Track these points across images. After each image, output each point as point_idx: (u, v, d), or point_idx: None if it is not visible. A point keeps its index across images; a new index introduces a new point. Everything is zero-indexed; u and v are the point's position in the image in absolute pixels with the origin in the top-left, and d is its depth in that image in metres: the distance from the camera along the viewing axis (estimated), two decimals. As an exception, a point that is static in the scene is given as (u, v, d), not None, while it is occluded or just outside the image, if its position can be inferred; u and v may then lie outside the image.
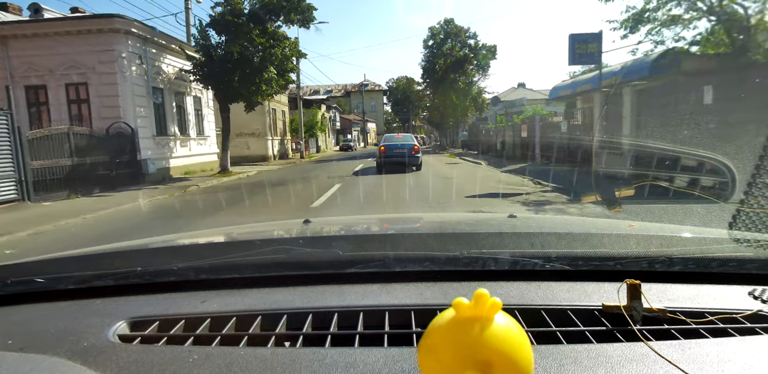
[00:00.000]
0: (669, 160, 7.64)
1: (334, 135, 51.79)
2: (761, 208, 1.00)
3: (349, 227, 1.75)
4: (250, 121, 26.55)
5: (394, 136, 17.53)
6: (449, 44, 33.88)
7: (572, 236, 1.23)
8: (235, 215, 7.69)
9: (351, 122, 56.44)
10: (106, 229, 7.03)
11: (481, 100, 33.54)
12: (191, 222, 7.00)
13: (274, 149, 27.51)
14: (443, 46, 33.95)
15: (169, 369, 0.62)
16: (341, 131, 53.93)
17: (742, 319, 0.74)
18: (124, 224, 7.43)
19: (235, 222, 6.37)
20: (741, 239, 1.00)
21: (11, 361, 0.65)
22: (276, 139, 28.11)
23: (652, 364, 0.60)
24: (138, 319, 0.80)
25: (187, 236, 1.72)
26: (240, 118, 27.48)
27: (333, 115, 49.46)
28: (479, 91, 33.78)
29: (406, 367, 0.60)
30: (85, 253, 1.19)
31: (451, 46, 33.75)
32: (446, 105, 32.35)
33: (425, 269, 0.95)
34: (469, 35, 34.20)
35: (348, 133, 54.65)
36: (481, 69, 33.86)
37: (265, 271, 0.98)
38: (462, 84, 31.95)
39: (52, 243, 6.06)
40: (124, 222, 7.57)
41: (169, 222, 7.50)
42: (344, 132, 54.17)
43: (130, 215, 8.39)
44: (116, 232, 6.68)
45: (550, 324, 0.74)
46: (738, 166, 3.28)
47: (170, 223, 7.35)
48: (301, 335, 0.73)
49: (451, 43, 33.83)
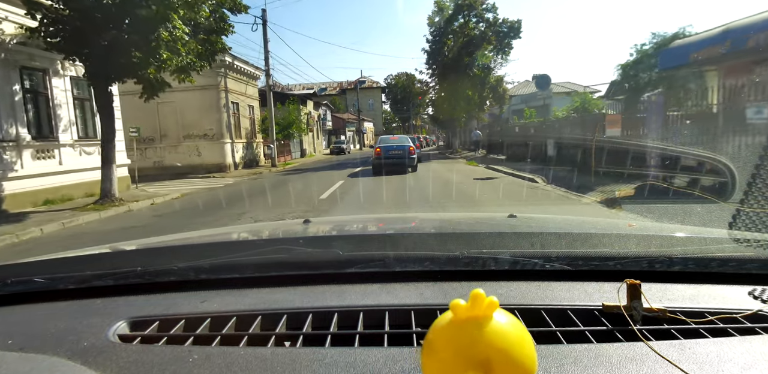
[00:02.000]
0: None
1: (324, 136, 45.26)
2: (761, 208, 1.01)
3: (349, 227, 1.76)
4: (200, 118, 19.76)
5: (389, 137, 17.49)
6: (461, 20, 26.16)
7: (572, 236, 1.22)
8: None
9: (345, 122, 49.91)
10: None
11: (502, 90, 26.72)
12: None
13: (237, 155, 20.97)
14: (453, 22, 26.31)
15: (169, 369, 0.62)
16: (333, 132, 47.41)
17: (742, 319, 0.74)
18: None
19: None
20: (741, 239, 1.00)
21: (11, 361, 0.66)
22: (239, 141, 21.56)
23: (652, 364, 0.60)
24: (138, 319, 0.80)
25: (187, 236, 1.71)
26: (187, 114, 20.14)
27: (323, 113, 42.90)
28: (498, 80, 26.89)
29: (406, 367, 0.61)
30: (85, 253, 1.20)
31: (464, 21, 26.03)
32: (457, 96, 25.60)
33: (425, 269, 0.95)
34: (487, 7, 26.16)
35: (341, 134, 48.16)
36: (502, 51, 26.53)
37: (265, 271, 0.98)
38: (477, 70, 25.21)
39: None
40: None
41: None
42: (337, 132, 47.71)
43: None
44: None
45: (550, 324, 0.74)
46: (738, 165, 3.62)
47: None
48: (301, 335, 0.73)
49: (464, 17, 26.05)
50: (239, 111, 21.84)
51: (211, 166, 19.68)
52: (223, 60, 19.14)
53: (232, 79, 20.84)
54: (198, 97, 19.52)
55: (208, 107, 19.88)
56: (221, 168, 19.73)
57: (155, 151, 20.16)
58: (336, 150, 38.20)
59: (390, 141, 16.47)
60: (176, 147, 20.01)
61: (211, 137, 19.88)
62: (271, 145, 21.83)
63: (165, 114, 19.79)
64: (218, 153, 19.90)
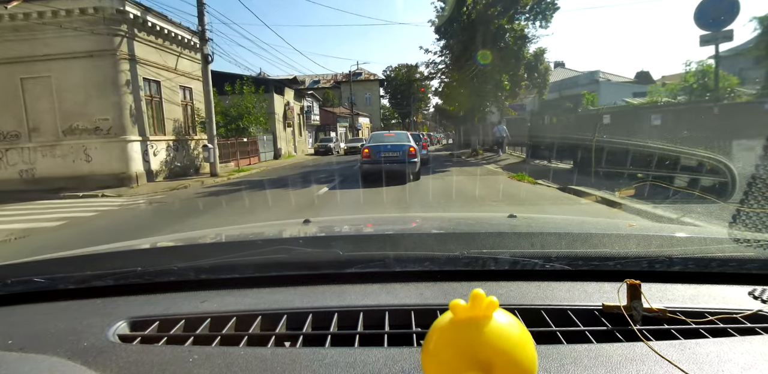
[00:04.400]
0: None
1: (311, 132, 38.13)
2: (761, 208, 1.00)
3: (349, 227, 1.75)
4: (88, 102, 13.11)
5: (383, 134, 12.89)
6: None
7: (572, 236, 1.21)
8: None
9: (336, 116, 42.74)
10: None
11: (543, 68, 19.41)
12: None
13: (154, 160, 13.95)
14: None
15: (169, 369, 0.62)
16: (322, 128, 40.29)
17: (742, 319, 0.74)
18: None
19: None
20: (741, 239, 1.00)
21: (11, 361, 0.66)
22: (160, 139, 14.52)
23: (652, 364, 0.60)
24: (138, 319, 0.79)
25: (187, 236, 1.70)
26: (69, 96, 13.43)
27: (308, 105, 35.74)
28: (539, 54, 19.07)
29: (406, 367, 0.60)
30: (85, 253, 1.19)
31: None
32: (480, 79, 18.39)
33: (425, 269, 0.95)
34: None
35: (331, 130, 41.04)
36: (541, 15, 18.07)
37: (265, 271, 0.98)
38: (511, 39, 17.89)
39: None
40: None
41: None
42: (326, 129, 40.59)
43: None
44: None
45: (550, 324, 0.74)
46: (738, 165, 3.39)
47: None
48: (301, 335, 0.73)
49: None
50: (161, 93, 14.73)
51: (106, 177, 12.67)
52: (121, 10, 12.09)
53: (144, 43, 13.72)
54: (84, 69, 12.52)
55: (101, 85, 12.84)
56: (123, 180, 12.70)
57: (21, 153, 13.10)
58: (322, 149, 31.38)
59: (384, 138, 12.24)
60: (54, 147, 12.97)
61: (106, 132, 12.80)
62: (209, 144, 14.64)
63: (35, 96, 12.79)
64: (117, 156, 12.86)
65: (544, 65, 18.87)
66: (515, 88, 18.92)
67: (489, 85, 18.32)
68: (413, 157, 11.26)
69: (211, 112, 14.65)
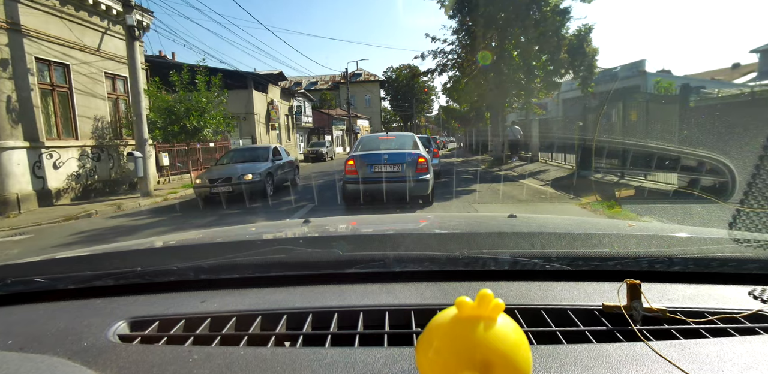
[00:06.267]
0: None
1: (303, 136, 34.01)
2: (761, 208, 0.99)
3: (349, 227, 1.73)
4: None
5: (377, 137, 8.86)
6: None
7: (572, 236, 1.20)
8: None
9: (331, 118, 38.68)
10: None
11: (590, 51, 15.19)
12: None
13: (55, 174, 9.75)
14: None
15: (169, 369, 0.62)
16: (315, 131, 36.23)
17: (742, 319, 0.74)
18: None
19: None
20: (741, 239, 0.99)
21: (11, 361, 0.65)
22: (66, 145, 10.33)
23: (652, 364, 0.60)
24: (138, 319, 0.79)
25: (187, 236, 1.68)
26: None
27: (299, 105, 31.59)
28: (585, 31, 14.21)
29: (406, 367, 0.60)
30: (85, 253, 1.18)
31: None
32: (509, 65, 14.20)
33: (425, 269, 0.94)
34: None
35: (326, 134, 36.94)
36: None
37: (265, 271, 0.98)
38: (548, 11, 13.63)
39: None
40: None
41: None
42: (320, 132, 36.52)
43: None
44: None
45: (550, 324, 0.73)
46: (738, 165, 3.32)
47: None
48: (301, 335, 0.73)
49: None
50: (71, 81, 10.58)
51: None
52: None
53: (39, 9, 9.60)
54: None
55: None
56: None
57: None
58: (312, 155, 27.48)
59: (379, 144, 8.15)
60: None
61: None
62: (136, 151, 10.43)
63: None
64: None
65: (590, 48, 14.47)
66: (553, 76, 14.68)
67: (521, 72, 14.15)
68: (424, 172, 7.34)
69: (140, 107, 10.47)
